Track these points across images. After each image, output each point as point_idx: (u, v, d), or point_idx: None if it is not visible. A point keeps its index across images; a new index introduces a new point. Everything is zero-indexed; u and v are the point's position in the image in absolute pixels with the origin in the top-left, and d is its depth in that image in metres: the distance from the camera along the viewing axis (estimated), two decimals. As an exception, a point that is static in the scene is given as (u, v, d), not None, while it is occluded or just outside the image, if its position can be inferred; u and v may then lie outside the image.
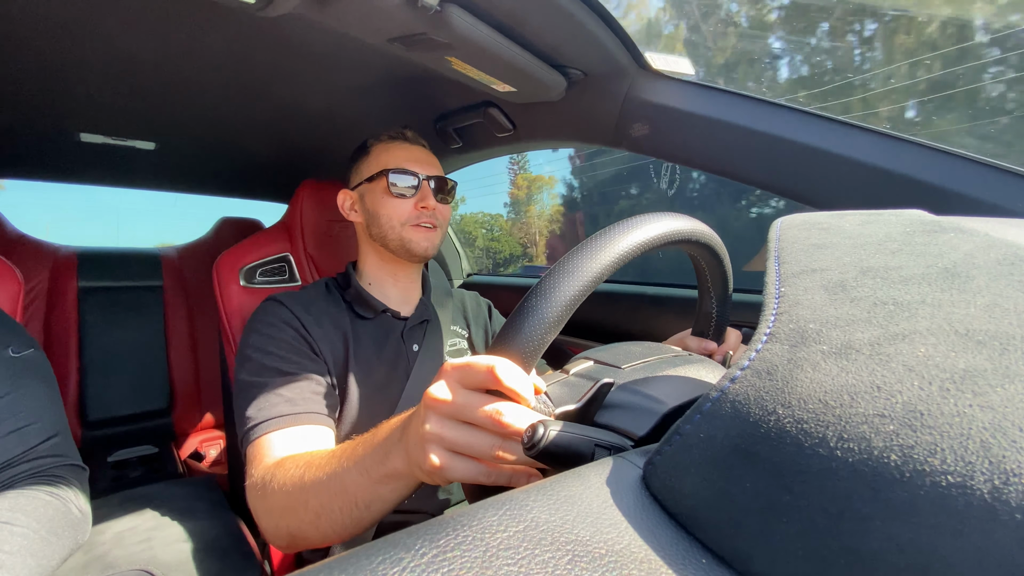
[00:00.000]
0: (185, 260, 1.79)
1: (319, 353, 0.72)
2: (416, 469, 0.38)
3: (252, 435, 0.60)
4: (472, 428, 0.35)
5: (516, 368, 0.33)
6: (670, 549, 0.21)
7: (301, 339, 0.71)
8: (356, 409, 0.73)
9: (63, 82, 0.93)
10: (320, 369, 0.70)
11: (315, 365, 0.70)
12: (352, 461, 0.45)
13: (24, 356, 0.68)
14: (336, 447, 0.51)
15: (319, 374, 0.69)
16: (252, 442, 0.60)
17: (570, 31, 0.72)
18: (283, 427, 0.60)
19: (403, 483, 0.41)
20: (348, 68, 0.92)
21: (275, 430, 0.60)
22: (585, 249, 0.35)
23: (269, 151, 1.41)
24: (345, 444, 0.49)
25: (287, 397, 0.63)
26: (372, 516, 0.45)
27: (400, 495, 0.42)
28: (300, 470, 0.50)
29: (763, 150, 0.71)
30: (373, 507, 0.44)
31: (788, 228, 0.34)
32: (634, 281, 1.23)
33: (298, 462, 0.52)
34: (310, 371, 0.68)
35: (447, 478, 0.36)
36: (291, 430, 0.60)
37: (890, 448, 0.18)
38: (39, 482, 0.62)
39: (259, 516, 0.55)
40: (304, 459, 0.52)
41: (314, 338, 0.72)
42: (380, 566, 0.18)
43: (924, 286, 0.24)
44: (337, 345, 0.75)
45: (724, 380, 0.24)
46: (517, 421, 0.33)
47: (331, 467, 0.47)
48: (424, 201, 0.80)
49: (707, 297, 0.53)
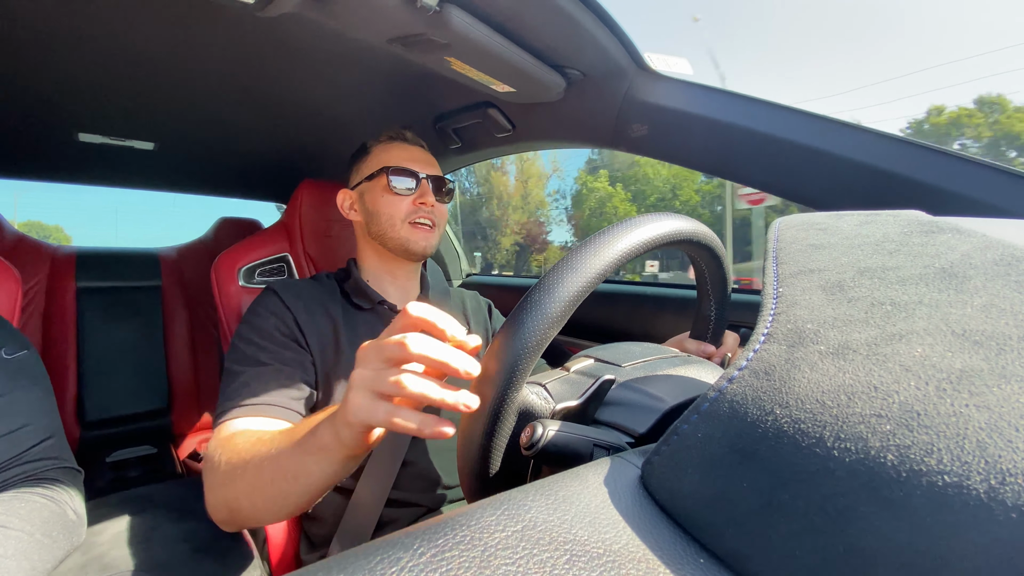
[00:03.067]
0: (184, 260, 1.79)
1: (305, 343, 0.72)
2: (342, 428, 0.40)
3: (216, 421, 0.62)
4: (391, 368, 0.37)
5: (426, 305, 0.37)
6: (668, 548, 0.21)
7: (286, 327, 0.72)
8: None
9: (62, 82, 0.93)
10: (301, 359, 0.71)
11: (295, 355, 0.70)
12: (290, 437, 0.47)
13: (18, 358, 0.68)
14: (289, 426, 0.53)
15: (297, 364, 0.70)
16: (216, 427, 0.62)
17: (569, 31, 0.72)
18: (242, 416, 0.62)
19: (327, 455, 0.43)
20: (347, 68, 0.92)
21: (235, 418, 0.61)
22: (588, 246, 0.35)
23: (268, 151, 1.41)
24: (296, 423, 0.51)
25: (252, 388, 0.64)
26: (299, 490, 0.46)
27: (324, 471, 0.44)
28: (248, 444, 0.52)
29: (762, 150, 0.71)
30: (299, 479, 0.45)
31: (786, 228, 0.34)
32: (634, 282, 1.23)
33: (249, 438, 0.54)
34: (286, 361, 0.69)
35: (359, 418, 0.38)
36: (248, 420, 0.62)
37: (887, 448, 0.18)
38: (34, 485, 0.61)
39: (205, 489, 0.57)
40: (255, 435, 0.54)
41: (300, 325, 0.73)
42: (379, 565, 0.18)
43: (921, 286, 0.24)
44: (326, 332, 0.75)
45: (722, 380, 0.24)
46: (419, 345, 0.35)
47: (275, 443, 0.49)
48: (423, 198, 0.81)
49: (706, 300, 0.53)
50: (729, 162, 0.76)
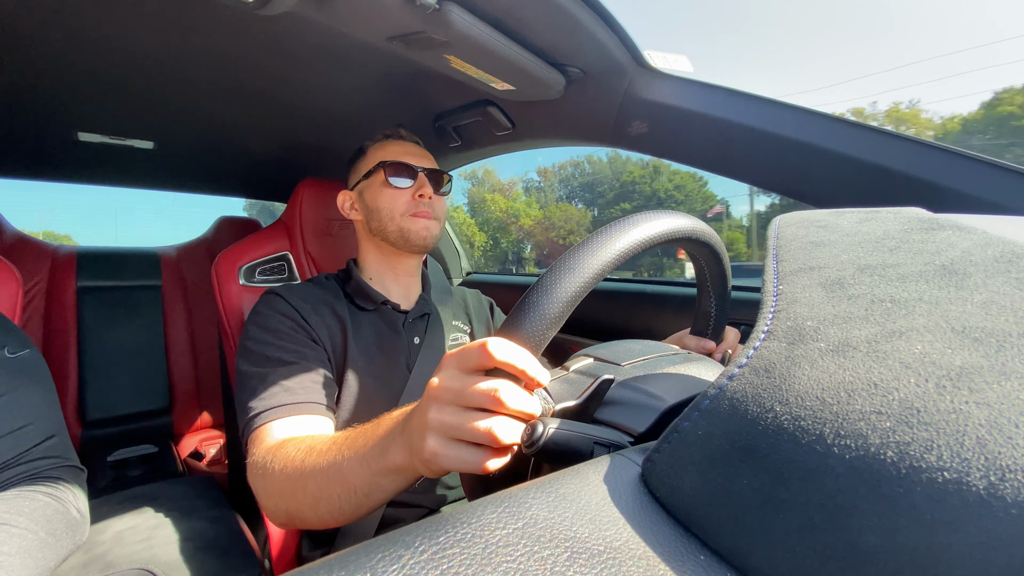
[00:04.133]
0: (184, 259, 1.79)
1: (318, 341, 0.72)
2: (416, 460, 0.38)
3: (253, 424, 0.61)
4: (472, 411, 0.34)
5: (508, 343, 0.33)
6: (668, 546, 0.21)
7: (299, 328, 0.72)
8: (356, 398, 0.73)
9: (61, 81, 0.93)
10: (320, 356, 0.71)
11: (315, 353, 0.70)
12: (353, 451, 0.45)
13: (20, 357, 0.68)
14: (338, 434, 0.51)
15: (319, 362, 0.69)
16: (253, 431, 0.61)
17: (569, 29, 0.72)
18: (283, 416, 0.61)
19: (403, 476, 0.41)
20: (347, 67, 0.92)
21: (276, 419, 0.61)
22: (589, 244, 0.35)
23: (268, 150, 1.41)
24: (347, 432, 0.49)
25: (287, 387, 0.64)
26: (371, 504, 0.45)
27: (399, 486, 0.43)
28: (301, 454, 0.51)
29: (762, 148, 0.71)
30: (372, 496, 0.44)
31: (786, 226, 0.34)
32: (634, 279, 1.23)
33: (299, 445, 0.53)
34: (310, 359, 0.68)
35: (443, 466, 0.36)
36: (291, 419, 0.61)
37: (887, 445, 0.18)
38: (37, 483, 0.62)
39: (259, 495, 0.56)
40: (306, 443, 0.53)
41: (312, 326, 0.72)
42: (380, 563, 0.18)
43: (921, 283, 0.24)
44: (335, 332, 0.75)
45: (722, 378, 0.24)
46: (513, 398, 0.33)
47: (332, 455, 0.47)
48: (421, 190, 0.81)
49: (706, 296, 0.53)
50: (729, 159, 0.76)
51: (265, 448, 0.57)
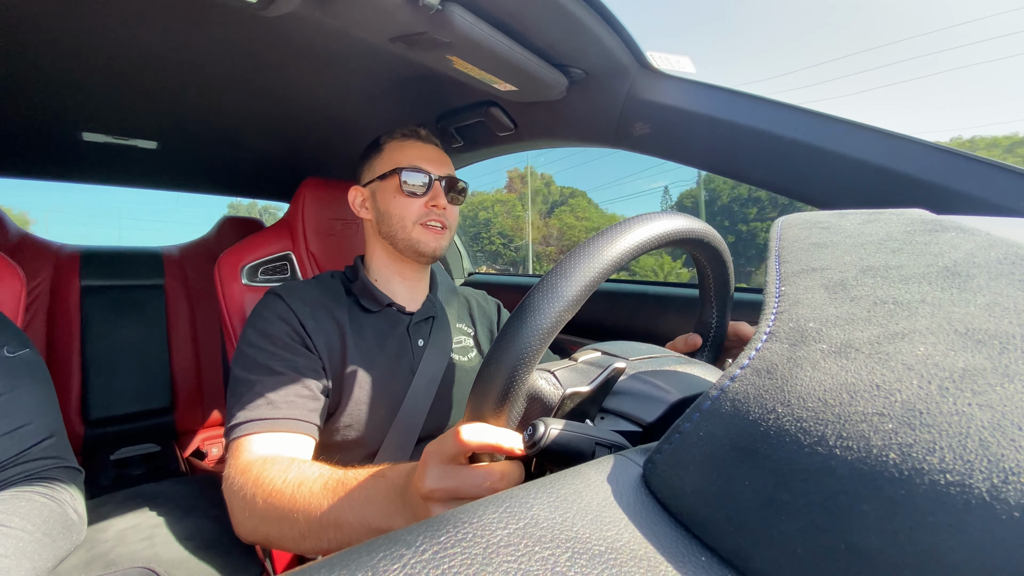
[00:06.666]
0: (187, 259, 1.79)
1: (314, 348, 0.72)
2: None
3: (233, 433, 0.62)
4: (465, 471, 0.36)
5: (478, 427, 0.34)
6: (670, 547, 0.21)
7: (295, 333, 0.71)
8: (357, 401, 0.73)
9: (65, 81, 0.94)
10: (313, 365, 0.70)
11: (308, 361, 0.70)
12: (348, 503, 0.46)
13: (20, 356, 0.68)
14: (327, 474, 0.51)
15: (311, 372, 0.69)
16: (233, 440, 0.62)
17: (571, 30, 0.72)
18: (263, 431, 0.61)
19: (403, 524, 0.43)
20: (349, 67, 0.92)
21: (255, 432, 0.61)
22: (589, 245, 0.35)
23: (271, 150, 1.41)
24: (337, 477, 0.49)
25: (271, 400, 0.64)
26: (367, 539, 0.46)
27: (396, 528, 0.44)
28: (290, 488, 0.51)
29: (765, 149, 0.71)
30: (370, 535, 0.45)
31: (789, 227, 0.34)
32: (636, 281, 1.23)
33: (285, 475, 0.53)
34: (300, 370, 0.68)
35: None
36: (270, 436, 0.62)
37: (889, 446, 0.18)
38: (34, 484, 0.61)
39: (235, 511, 0.56)
40: (292, 474, 0.53)
41: (308, 331, 0.72)
42: (381, 563, 0.19)
43: (924, 285, 0.24)
44: (332, 337, 0.75)
45: (724, 379, 0.24)
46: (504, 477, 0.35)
47: (326, 501, 0.47)
48: (435, 200, 0.80)
49: (708, 302, 0.53)
50: (732, 161, 0.76)
51: (244, 464, 0.58)
